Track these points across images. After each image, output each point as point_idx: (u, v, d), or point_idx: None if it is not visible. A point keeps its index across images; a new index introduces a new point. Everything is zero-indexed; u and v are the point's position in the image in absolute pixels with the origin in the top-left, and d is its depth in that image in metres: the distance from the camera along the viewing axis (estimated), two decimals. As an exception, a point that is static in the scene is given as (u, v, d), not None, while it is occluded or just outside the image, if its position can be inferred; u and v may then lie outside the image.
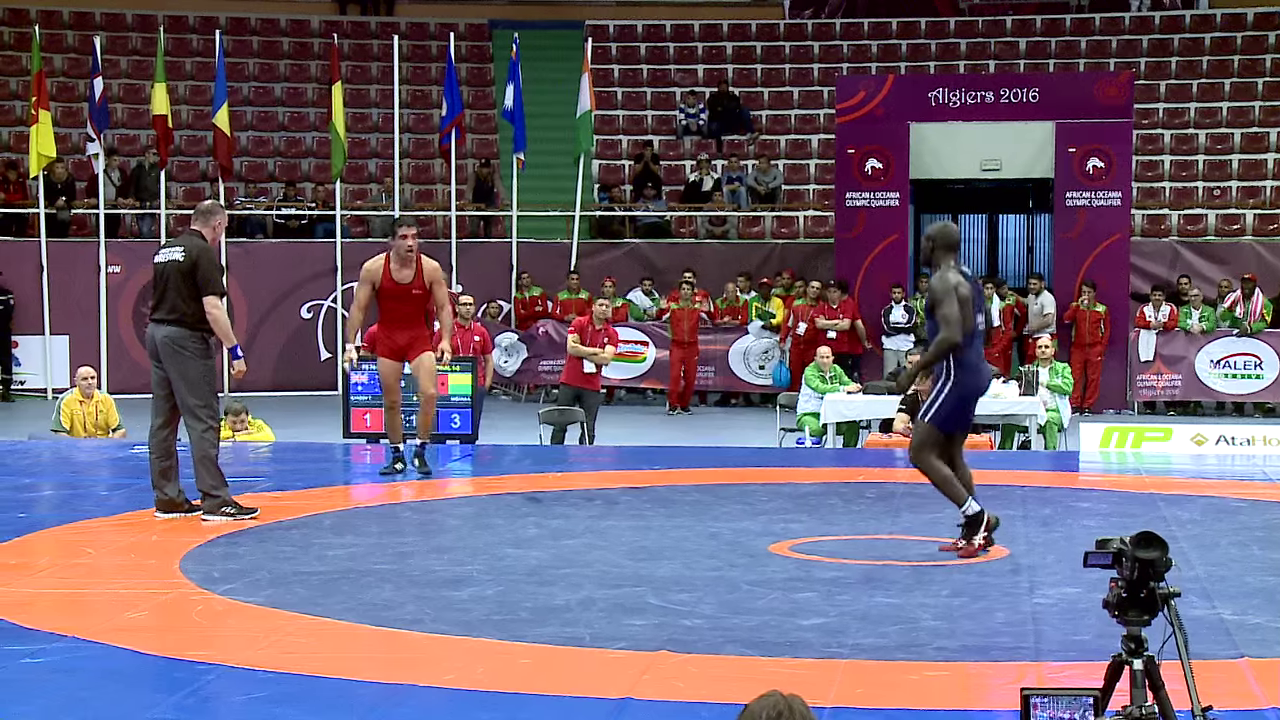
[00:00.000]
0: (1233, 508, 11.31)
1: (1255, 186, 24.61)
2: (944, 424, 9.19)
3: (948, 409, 9.17)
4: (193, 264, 10.17)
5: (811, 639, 7.28)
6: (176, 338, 10.15)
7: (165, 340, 10.17)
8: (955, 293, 8.93)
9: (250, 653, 7.01)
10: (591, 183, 25.28)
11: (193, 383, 10.19)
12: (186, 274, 10.16)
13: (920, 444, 9.27)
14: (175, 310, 10.16)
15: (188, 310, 10.16)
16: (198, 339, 10.21)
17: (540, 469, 13.55)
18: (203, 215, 10.55)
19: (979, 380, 9.25)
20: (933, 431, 9.22)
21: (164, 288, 10.27)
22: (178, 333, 10.15)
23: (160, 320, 10.24)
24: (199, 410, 10.21)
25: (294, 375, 22.86)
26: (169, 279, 10.24)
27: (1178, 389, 20.83)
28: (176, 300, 10.16)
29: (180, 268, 10.20)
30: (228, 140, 22.70)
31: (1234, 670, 6.68)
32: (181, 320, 10.15)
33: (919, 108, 21.71)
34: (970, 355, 9.11)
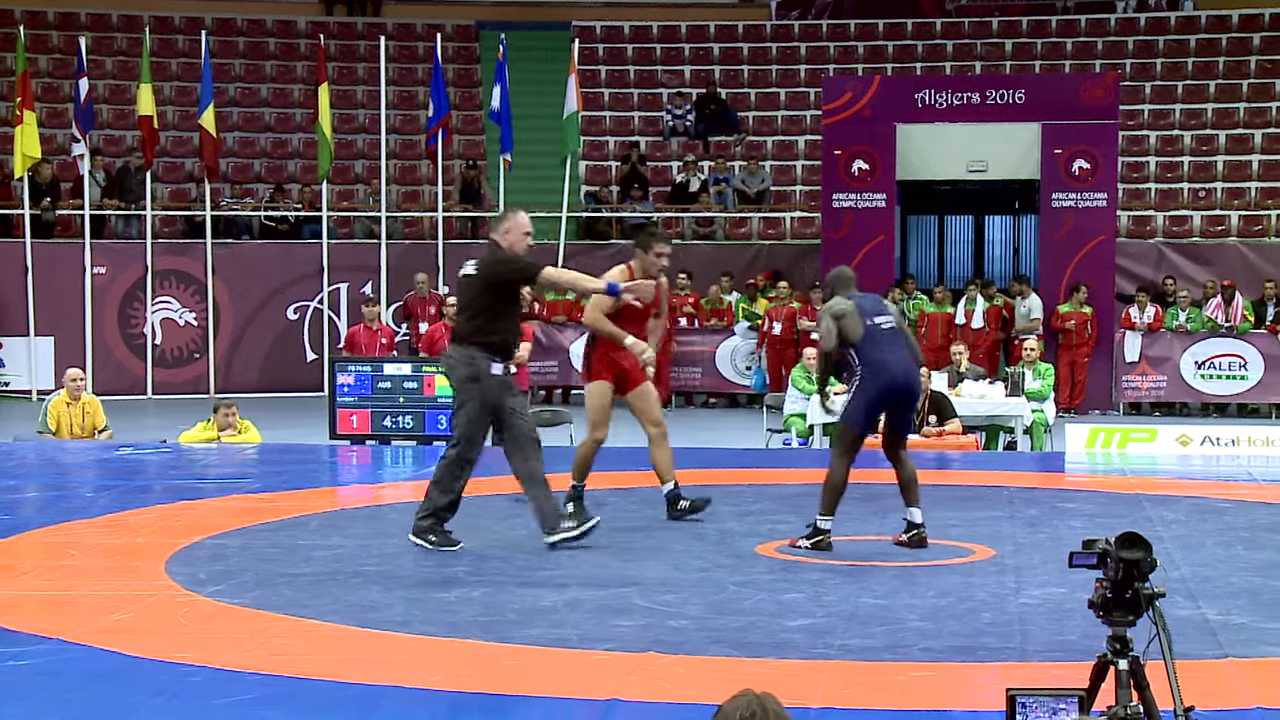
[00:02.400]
0: (1217, 508, 11.34)
1: (1240, 188, 24.67)
2: (851, 421, 9.53)
3: (854, 407, 9.51)
4: (490, 270, 9.48)
5: (798, 640, 7.29)
6: (450, 362, 9.62)
7: (443, 358, 9.86)
8: (829, 312, 9.54)
9: (236, 654, 7.01)
10: (578, 184, 25.29)
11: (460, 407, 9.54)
12: (479, 286, 9.50)
13: (833, 441, 9.78)
14: (459, 330, 9.62)
15: (464, 330, 9.52)
16: (469, 359, 9.44)
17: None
18: (496, 221, 9.86)
19: (885, 381, 9.44)
20: (845, 429, 9.58)
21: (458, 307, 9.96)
22: (452, 355, 9.59)
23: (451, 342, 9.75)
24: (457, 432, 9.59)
25: (280, 376, 22.83)
26: (460, 295, 9.91)
27: (1163, 390, 20.88)
28: (462, 320, 9.62)
29: (469, 281, 9.60)
30: (214, 141, 22.68)
31: (1218, 670, 6.70)
32: (463, 339, 9.52)
33: (905, 109, 21.74)
34: (875, 355, 9.45)
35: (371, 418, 15.06)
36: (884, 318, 9.66)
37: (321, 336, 22.98)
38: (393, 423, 15.02)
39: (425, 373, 15.09)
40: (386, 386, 15.05)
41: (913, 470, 9.65)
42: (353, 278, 23.28)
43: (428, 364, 15.32)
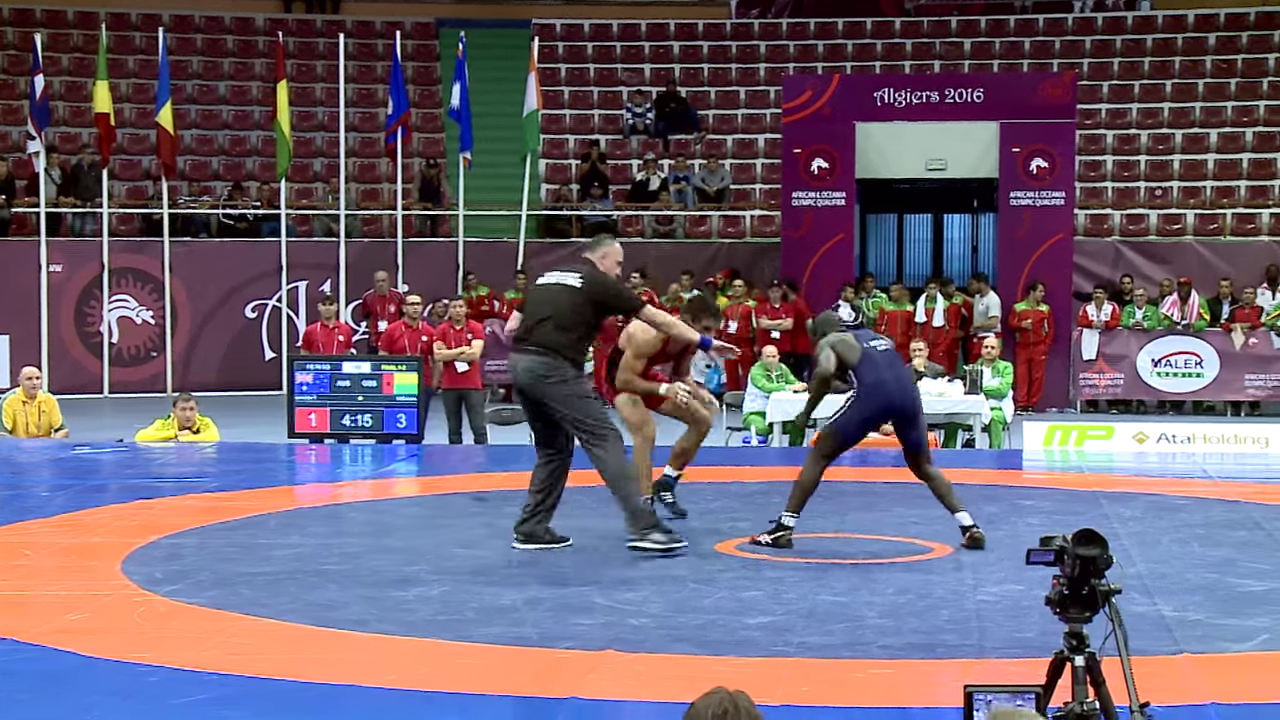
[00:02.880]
0: (1174, 505, 11.40)
1: (1196, 187, 24.83)
2: (840, 431, 9.64)
3: (846, 419, 9.62)
4: (597, 290, 9.24)
5: (758, 637, 7.30)
6: (543, 371, 9.14)
7: (528, 373, 9.18)
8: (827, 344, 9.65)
9: (194, 654, 6.97)
10: (538, 182, 25.27)
11: (576, 411, 9.17)
12: (579, 301, 9.23)
13: (815, 442, 9.87)
14: (547, 339, 9.15)
15: (555, 341, 9.16)
16: (567, 366, 9.17)
17: (487, 469, 13.53)
18: (593, 246, 9.61)
19: (881, 400, 9.55)
20: (827, 438, 9.68)
21: (540, 314, 9.30)
22: (545, 365, 9.13)
23: (529, 347, 9.23)
24: (597, 427, 9.20)
25: (238, 375, 22.75)
26: (547, 303, 9.31)
27: (1120, 387, 20.98)
28: (550, 329, 9.17)
29: (574, 291, 9.26)
30: (171, 139, 22.57)
31: (1173, 666, 6.74)
32: (554, 350, 9.15)
33: (865, 108, 21.79)
34: (873, 376, 9.56)
35: (330, 416, 15.01)
36: (880, 342, 9.90)
37: (280, 335, 22.89)
38: (352, 421, 14.98)
39: (384, 371, 15.05)
40: (345, 385, 15.01)
41: (945, 481, 9.71)
42: (312, 276, 23.20)
43: (387, 362, 15.29)
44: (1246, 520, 10.64)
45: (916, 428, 9.69)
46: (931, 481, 9.69)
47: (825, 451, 9.64)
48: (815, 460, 9.61)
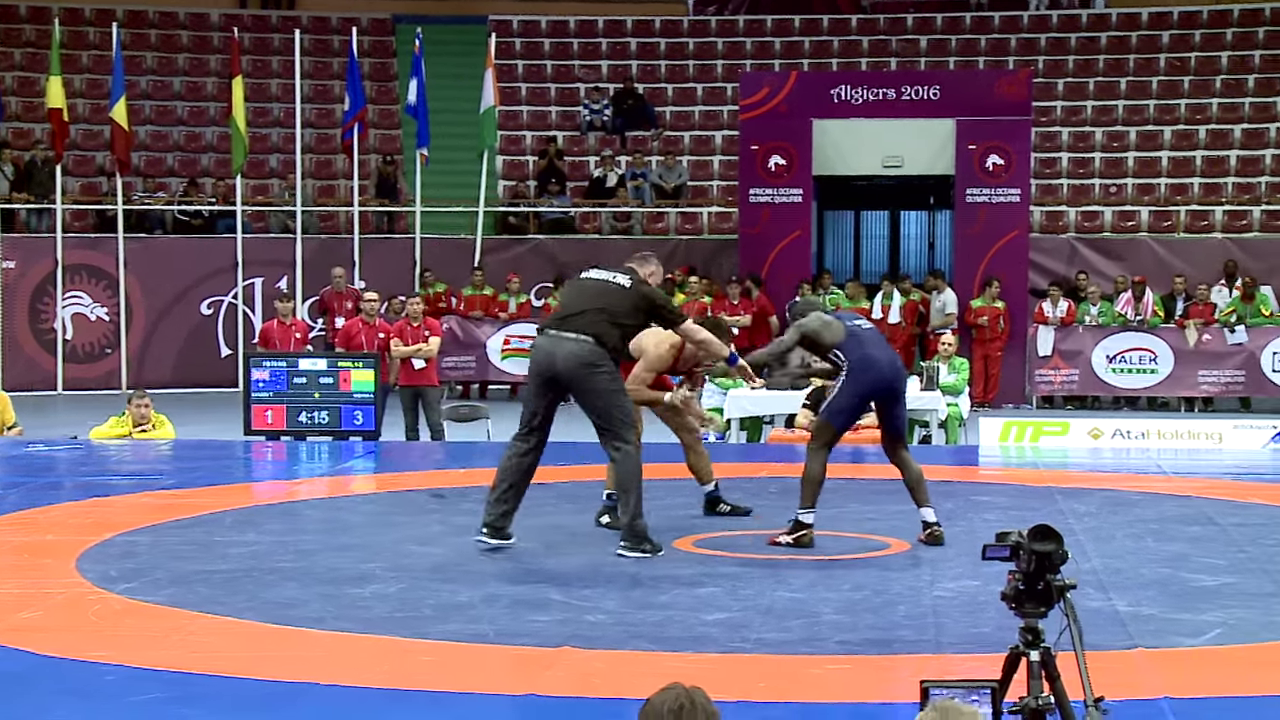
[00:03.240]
0: (1128, 501, 11.47)
1: (1150, 184, 24.97)
2: (832, 417, 9.58)
3: (838, 403, 9.56)
4: (643, 300, 9.19)
5: (715, 634, 7.32)
6: (589, 358, 8.98)
7: (572, 359, 8.99)
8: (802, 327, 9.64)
9: (150, 652, 6.95)
10: (495, 179, 25.23)
11: (612, 405, 9.10)
12: (628, 301, 9.15)
13: (812, 435, 9.77)
14: (593, 329, 9.02)
15: (606, 333, 9.07)
16: (608, 358, 9.09)
17: (444, 465, 13.51)
18: (640, 259, 9.62)
19: (872, 375, 9.49)
20: (822, 425, 9.62)
21: (582, 301, 9.21)
22: (592, 353, 8.99)
23: (571, 333, 9.05)
24: (625, 426, 9.16)
25: (194, 372, 22.64)
26: (596, 296, 9.20)
27: (1075, 384, 21.09)
28: (596, 319, 9.05)
29: (622, 291, 9.18)
30: (126, 134, 22.44)
31: (1128, 660, 6.79)
32: (597, 337, 9.03)
33: (822, 104, 21.83)
34: (861, 352, 9.52)
35: (287, 413, 14.96)
36: (862, 321, 9.90)
37: (236, 332, 22.80)
38: (308, 418, 14.93)
39: (341, 368, 15.01)
40: (302, 382, 14.95)
41: (918, 471, 9.68)
42: (268, 272, 23.11)
43: (344, 359, 15.25)
44: (1200, 515, 10.72)
45: (901, 406, 9.71)
46: (905, 469, 9.65)
47: (825, 440, 9.55)
48: (814, 453, 9.52)
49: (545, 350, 9.13)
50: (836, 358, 9.57)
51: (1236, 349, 20.54)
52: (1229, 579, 8.54)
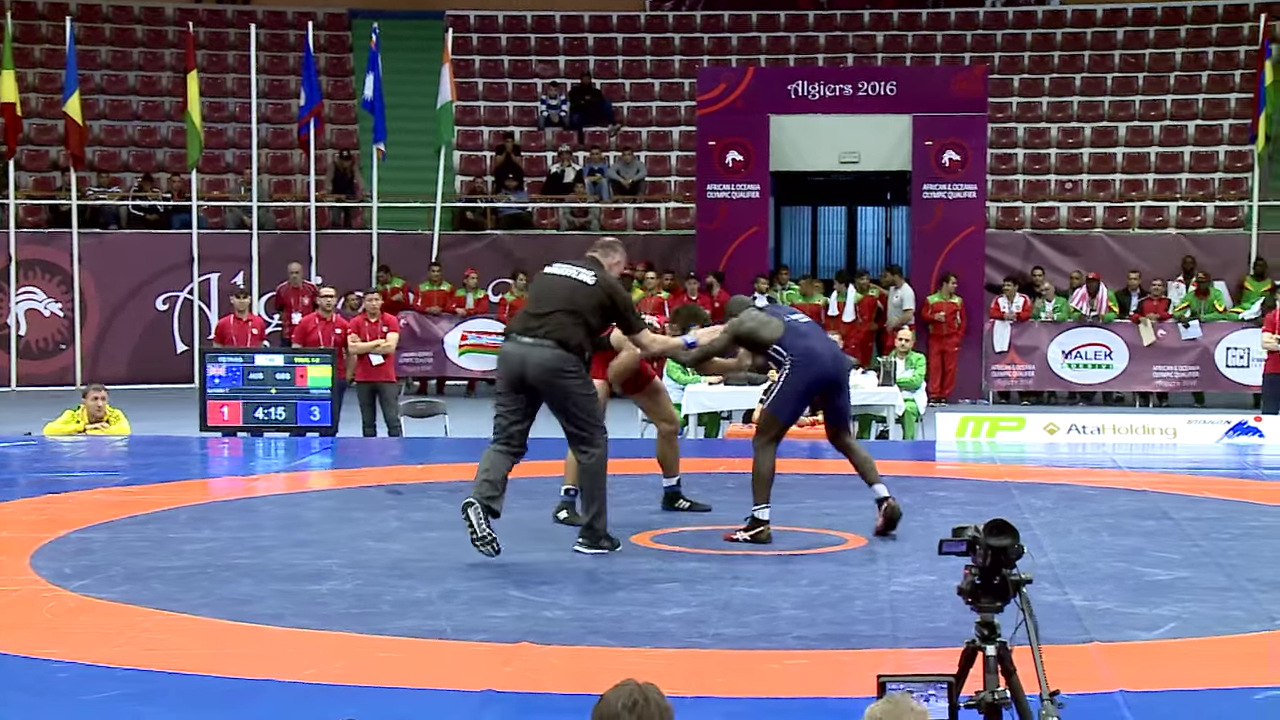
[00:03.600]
0: (1084, 495, 11.53)
1: (1105, 180, 25.10)
2: (779, 412, 9.59)
3: (783, 397, 9.57)
4: (606, 294, 9.06)
5: (673, 629, 7.32)
6: (559, 364, 8.88)
7: (542, 366, 8.88)
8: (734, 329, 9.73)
9: (105, 650, 6.91)
10: (452, 174, 25.18)
11: (582, 408, 9.03)
12: (592, 300, 9.01)
13: (759, 431, 9.77)
14: (561, 333, 8.91)
15: (573, 336, 8.94)
16: (577, 362, 8.99)
17: (401, 461, 13.48)
18: (604, 248, 9.40)
19: (816, 368, 9.53)
20: (768, 419, 9.64)
21: (549, 303, 9.01)
22: (561, 358, 8.89)
23: (540, 339, 8.92)
24: (595, 428, 9.10)
25: (149, 368, 22.53)
26: (561, 295, 9.02)
27: (1031, 379, 21.18)
28: (565, 322, 8.93)
29: (587, 289, 9.02)
30: (80, 129, 22.30)
31: (1083, 655, 6.82)
32: (566, 343, 8.91)
33: (779, 100, 21.86)
34: (802, 344, 9.57)
35: (243, 409, 14.91)
36: (798, 315, 9.94)
37: (192, 327, 22.69)
38: (265, 414, 14.88)
39: (298, 364, 14.96)
40: (258, 378, 14.90)
41: (864, 454, 9.76)
42: (224, 268, 23.01)
43: (300, 355, 15.20)
44: (1154, 510, 10.78)
45: (845, 395, 9.76)
46: (851, 454, 9.73)
47: (772, 434, 9.57)
48: (764, 447, 9.53)
49: (515, 357, 8.98)
50: (778, 353, 9.61)
51: (1191, 344, 20.67)
52: (1183, 573, 8.59)
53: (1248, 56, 26.15)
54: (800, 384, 9.51)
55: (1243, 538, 9.75)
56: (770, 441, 9.55)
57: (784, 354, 9.54)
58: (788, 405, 9.57)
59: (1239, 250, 22.73)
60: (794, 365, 9.51)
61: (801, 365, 9.50)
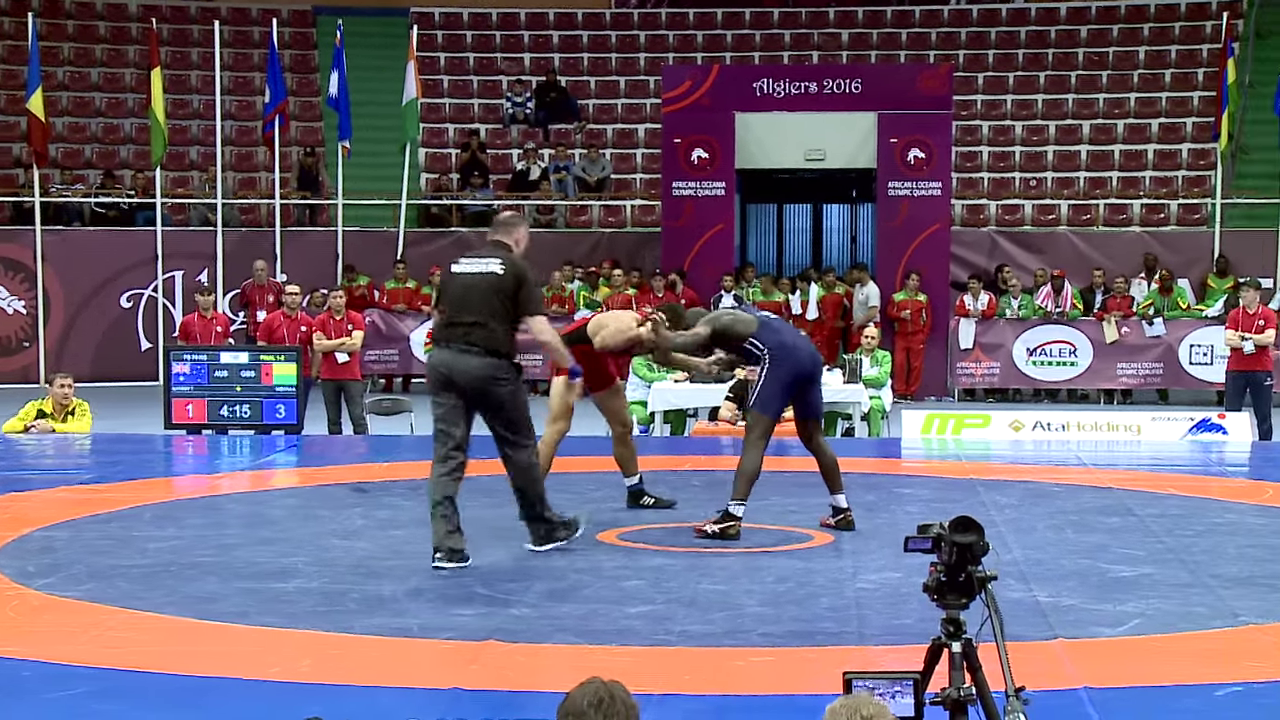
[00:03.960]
0: (1048, 492, 11.58)
1: (1069, 177, 25.20)
2: (764, 408, 9.60)
3: (766, 393, 9.59)
4: (516, 280, 8.81)
5: (639, 626, 7.32)
6: (490, 373, 8.74)
7: (473, 375, 8.71)
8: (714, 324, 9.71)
9: (68, 648, 6.88)
10: (418, 171, 25.14)
11: (517, 416, 8.89)
12: (505, 292, 8.79)
13: (748, 428, 9.74)
14: (485, 337, 8.74)
15: (500, 337, 8.80)
16: (509, 368, 8.85)
17: (367, 459, 13.45)
18: (505, 226, 9.10)
19: (794, 360, 9.58)
20: (755, 416, 9.64)
21: (467, 306, 8.81)
22: (491, 366, 8.74)
23: (465, 347, 8.77)
24: (527, 432, 8.97)
25: (113, 365, 22.42)
26: (477, 295, 8.80)
27: (996, 376, 21.25)
28: (487, 324, 8.75)
29: (499, 282, 8.80)
30: (42, 126, 22.18)
31: (1048, 651, 6.84)
32: (494, 350, 8.76)
33: (744, 98, 21.88)
34: (777, 339, 9.63)
35: (208, 407, 14.86)
36: (767, 313, 10.07)
37: (156, 325, 22.60)
38: (230, 412, 14.84)
39: (263, 361, 14.92)
40: (223, 375, 14.86)
41: (833, 458, 9.80)
42: (188, 265, 22.91)
43: (265, 353, 15.15)
44: (1119, 506, 10.83)
45: (818, 390, 9.83)
46: (821, 455, 9.77)
47: (762, 431, 9.59)
48: (753, 445, 9.55)
49: (444, 364, 8.82)
50: (754, 348, 9.62)
51: (1155, 342, 20.76)
52: (1147, 569, 8.63)
53: (1211, 54, 26.29)
54: (783, 377, 9.54)
55: (1206, 534, 9.80)
56: (761, 438, 9.57)
57: (761, 348, 9.58)
58: (774, 400, 9.60)
59: (1202, 248, 22.84)
60: (772, 359, 9.54)
61: (780, 358, 9.54)
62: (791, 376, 9.57)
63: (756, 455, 9.52)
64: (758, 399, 9.62)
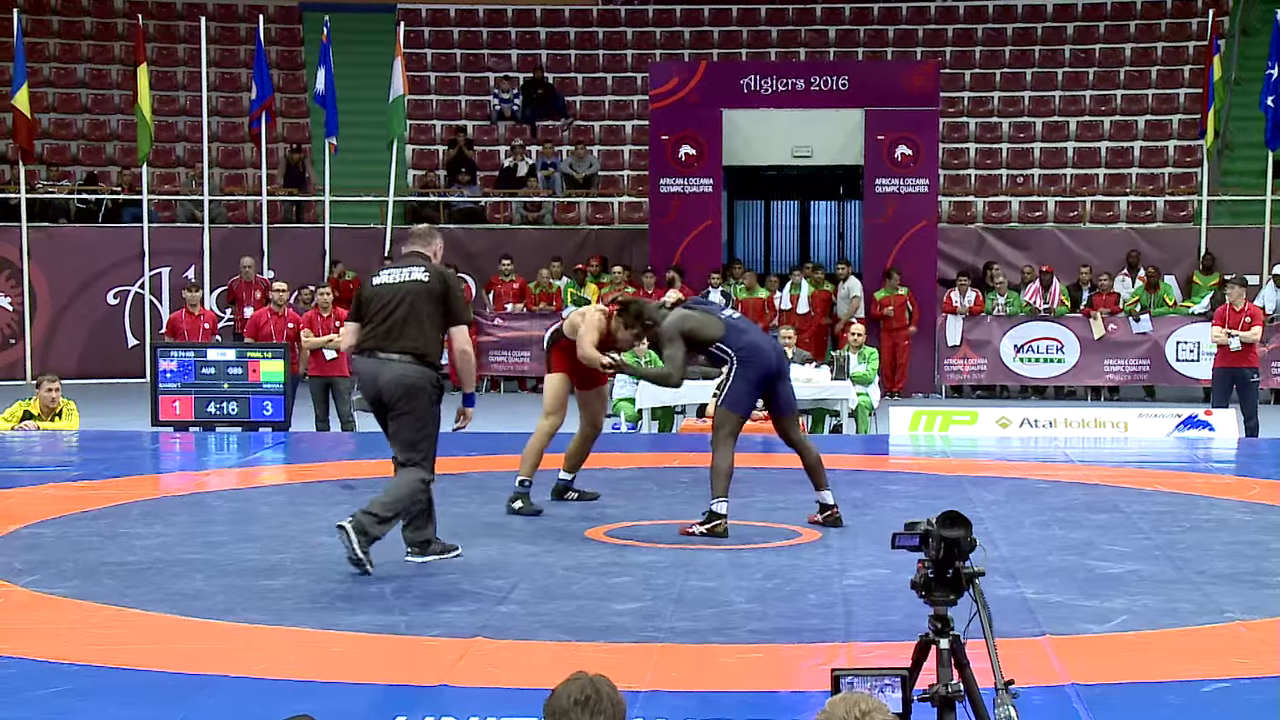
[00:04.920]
0: (1035, 489, 11.59)
1: (1056, 174, 25.22)
2: (734, 407, 9.62)
3: (736, 392, 9.61)
4: (443, 286, 8.66)
5: (627, 623, 7.32)
6: (416, 380, 8.59)
7: (398, 381, 8.56)
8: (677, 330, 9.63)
9: (54, 645, 6.86)
10: (405, 168, 25.11)
11: (424, 435, 8.67)
12: (432, 298, 8.63)
13: (715, 427, 9.72)
14: (413, 343, 8.58)
15: (429, 344, 8.64)
16: (436, 381, 8.68)
17: (354, 456, 13.43)
18: (422, 238, 8.96)
19: (762, 359, 9.61)
20: (724, 414, 9.64)
21: (394, 313, 8.63)
22: (419, 374, 8.60)
23: (393, 354, 8.60)
24: (426, 460, 8.70)
25: (100, 362, 22.38)
26: (403, 303, 8.62)
27: (983, 373, 21.27)
28: (415, 331, 8.59)
29: (425, 289, 8.63)
30: (28, 122, 22.12)
31: (1036, 647, 6.85)
32: (423, 356, 8.61)
33: (731, 94, 21.88)
34: (744, 340, 9.64)
35: (195, 404, 14.84)
36: (731, 312, 10.01)
37: (143, 322, 22.56)
38: (217, 409, 14.81)
39: (250, 358, 14.89)
40: (210, 372, 14.84)
41: (816, 454, 9.83)
42: (175, 262, 22.88)
43: (253, 349, 15.13)
44: (1105, 503, 10.85)
45: (788, 384, 9.85)
46: (804, 452, 9.78)
47: (730, 430, 9.60)
48: (722, 443, 9.56)
49: (370, 372, 8.67)
50: (721, 351, 9.66)
51: (1141, 338, 20.79)
52: (1134, 566, 8.65)
53: (1196, 52, 26.32)
54: (751, 376, 9.57)
55: (1192, 531, 9.82)
56: (729, 436, 9.59)
57: (728, 350, 9.62)
58: (741, 400, 9.62)
59: (1188, 245, 22.88)
60: (740, 360, 9.58)
61: (747, 359, 9.57)
62: (760, 375, 9.61)
63: (727, 452, 9.55)
64: (727, 399, 9.63)
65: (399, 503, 8.57)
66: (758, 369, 9.58)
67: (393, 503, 8.53)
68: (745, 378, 9.57)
